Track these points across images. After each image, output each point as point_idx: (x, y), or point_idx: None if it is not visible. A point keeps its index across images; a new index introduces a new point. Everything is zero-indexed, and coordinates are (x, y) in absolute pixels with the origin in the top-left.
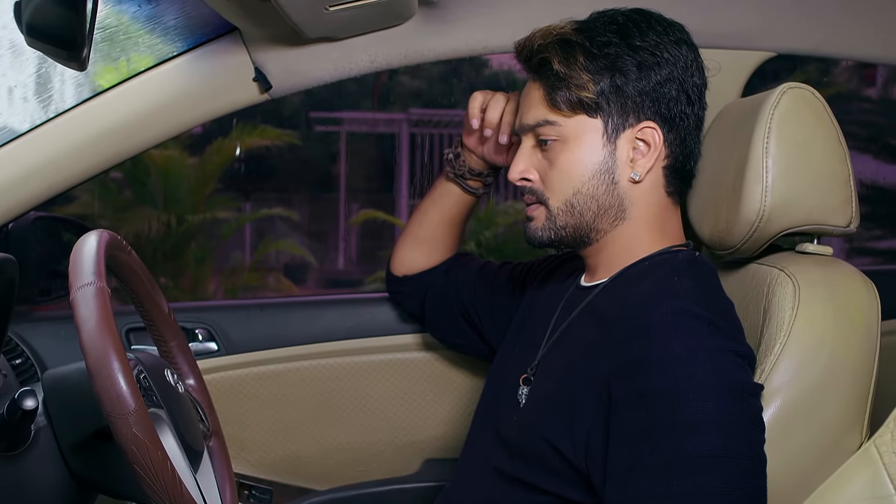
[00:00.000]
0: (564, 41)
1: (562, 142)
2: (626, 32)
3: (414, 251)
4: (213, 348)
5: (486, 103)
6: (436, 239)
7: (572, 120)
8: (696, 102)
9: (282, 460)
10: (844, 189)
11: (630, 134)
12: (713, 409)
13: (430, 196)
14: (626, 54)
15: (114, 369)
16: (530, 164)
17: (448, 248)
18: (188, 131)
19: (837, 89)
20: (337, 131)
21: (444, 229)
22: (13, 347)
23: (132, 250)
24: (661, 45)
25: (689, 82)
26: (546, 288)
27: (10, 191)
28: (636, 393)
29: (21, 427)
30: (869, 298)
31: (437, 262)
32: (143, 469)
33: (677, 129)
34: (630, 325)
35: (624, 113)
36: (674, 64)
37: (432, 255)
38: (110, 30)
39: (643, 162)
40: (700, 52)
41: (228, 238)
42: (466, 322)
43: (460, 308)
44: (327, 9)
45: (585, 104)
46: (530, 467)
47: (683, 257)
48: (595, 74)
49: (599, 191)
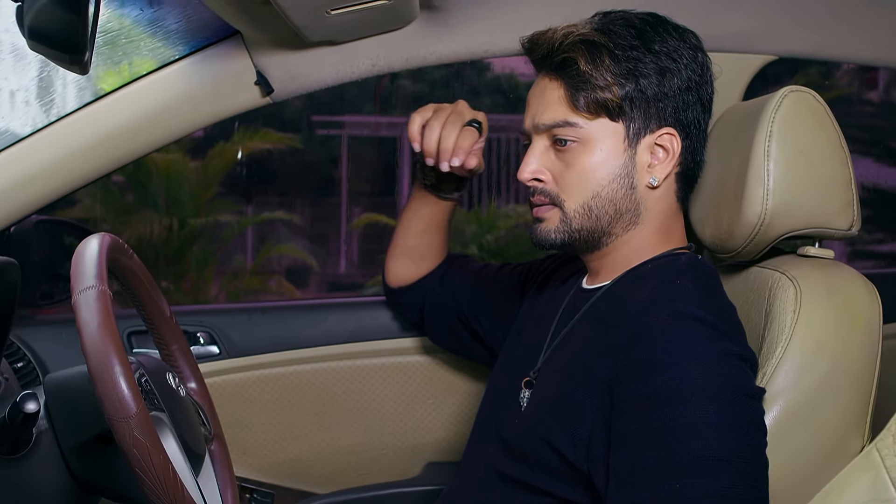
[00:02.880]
0: (589, 42)
1: (581, 144)
2: (645, 37)
3: (403, 262)
4: (215, 352)
5: (426, 122)
6: (422, 247)
7: (594, 122)
8: (708, 111)
9: (283, 464)
10: (846, 192)
11: (650, 140)
12: (715, 413)
13: (409, 206)
14: (648, 59)
15: (115, 373)
16: (542, 164)
17: (436, 255)
18: (190, 135)
19: (839, 93)
20: (338, 135)
21: (428, 237)
22: (15, 351)
23: (134, 254)
24: (680, 51)
25: (703, 90)
26: (546, 290)
27: (13, 194)
28: (638, 395)
29: (23, 430)
30: (870, 302)
31: (428, 269)
32: (144, 472)
33: (692, 135)
34: (632, 328)
35: (646, 118)
36: (692, 70)
37: (422, 263)
38: (112, 33)
39: (661, 168)
40: None
41: (230, 241)
42: (465, 328)
43: (459, 314)
44: (329, 12)
45: (609, 107)
46: (532, 469)
47: (686, 260)
48: (620, 77)
49: (618, 195)
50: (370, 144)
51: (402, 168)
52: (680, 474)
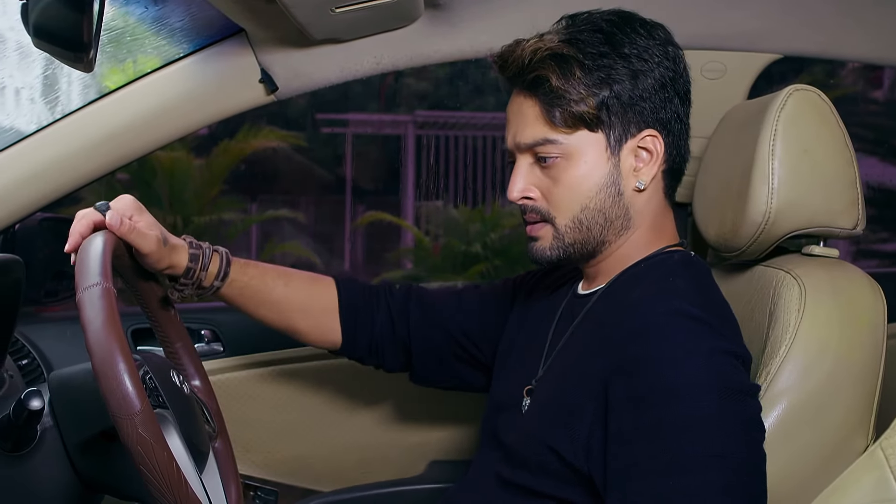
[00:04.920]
0: (558, 56)
1: (564, 159)
2: (614, 41)
3: (309, 333)
4: (219, 349)
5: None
6: (292, 320)
7: (573, 136)
8: (687, 101)
9: (287, 461)
10: (851, 191)
11: (632, 144)
12: (709, 409)
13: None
14: (619, 64)
15: (119, 370)
16: (530, 182)
17: (314, 306)
18: (194, 133)
19: (844, 91)
20: (343, 133)
21: (279, 314)
22: (19, 348)
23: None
24: (650, 50)
25: (679, 83)
26: (536, 300)
27: (17, 192)
28: (633, 393)
29: (27, 427)
30: (875, 301)
31: (334, 322)
32: (148, 469)
33: (673, 131)
34: (626, 327)
35: (625, 123)
36: (665, 67)
37: (307, 317)
38: (117, 31)
39: (647, 170)
40: (705, 55)
41: (234, 239)
42: (460, 359)
43: (453, 347)
44: (333, 10)
45: (586, 119)
46: (533, 474)
47: (679, 258)
48: (593, 88)
49: (607, 204)
50: (374, 142)
51: (406, 166)
52: (674, 471)
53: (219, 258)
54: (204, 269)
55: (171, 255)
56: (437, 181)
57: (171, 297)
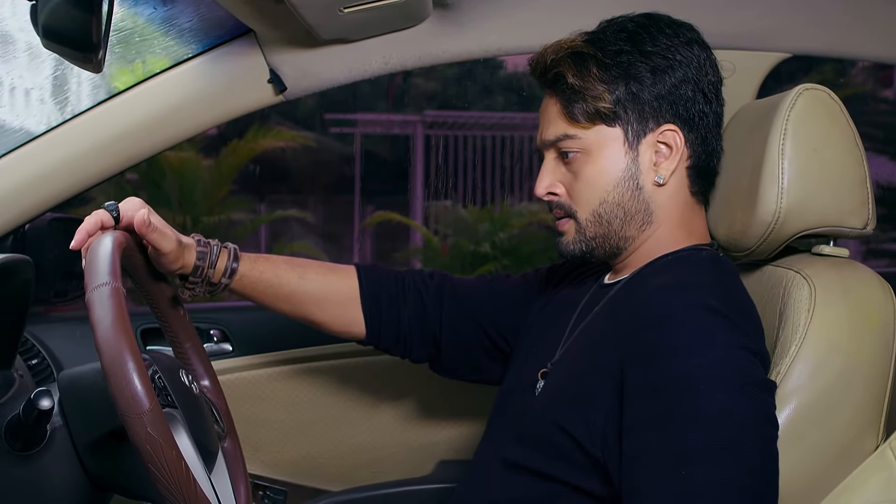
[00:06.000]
0: (576, 54)
1: (584, 153)
2: (636, 39)
3: (330, 324)
4: (228, 349)
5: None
6: (310, 312)
7: (592, 131)
8: (714, 100)
9: (296, 461)
10: (861, 191)
11: (651, 138)
12: (724, 402)
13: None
14: (638, 61)
15: (129, 369)
16: (555, 179)
17: (331, 298)
18: (203, 133)
19: (854, 91)
20: (352, 133)
21: (295, 306)
22: (29, 348)
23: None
24: (673, 48)
25: (703, 81)
26: (563, 288)
27: (27, 192)
28: (648, 381)
29: (37, 427)
30: (885, 300)
31: (356, 312)
32: (157, 469)
33: (697, 128)
34: (645, 315)
35: (642, 119)
36: (687, 65)
37: (340, 313)
38: (126, 32)
39: (666, 165)
40: (714, 53)
41: (243, 239)
42: (484, 351)
43: (479, 338)
44: (342, 10)
45: (603, 114)
46: (545, 456)
47: (707, 255)
48: (609, 84)
49: (625, 198)
50: (383, 142)
51: (414, 166)
52: (685, 461)
53: (227, 254)
54: (212, 267)
55: (184, 254)
56: (446, 181)
57: (183, 296)
